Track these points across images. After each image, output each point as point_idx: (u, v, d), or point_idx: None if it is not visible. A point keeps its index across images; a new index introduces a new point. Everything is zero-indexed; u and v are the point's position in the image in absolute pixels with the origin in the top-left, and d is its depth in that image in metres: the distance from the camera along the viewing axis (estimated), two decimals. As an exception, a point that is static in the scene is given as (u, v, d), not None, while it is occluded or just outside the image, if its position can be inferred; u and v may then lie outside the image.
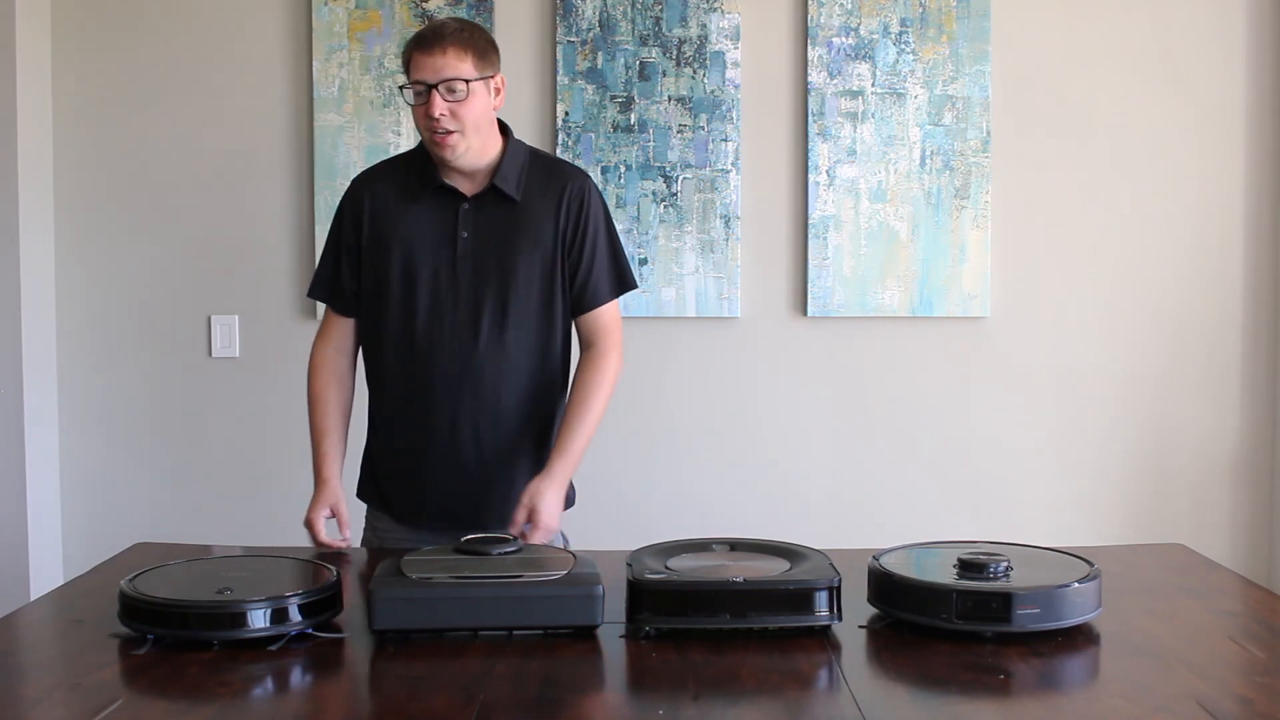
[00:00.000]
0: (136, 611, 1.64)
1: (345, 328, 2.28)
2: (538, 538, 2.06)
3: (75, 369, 3.34)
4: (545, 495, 2.10)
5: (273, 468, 3.31)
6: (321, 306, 3.22)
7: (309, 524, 2.17)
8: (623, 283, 2.27)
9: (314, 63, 3.25)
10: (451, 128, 2.09)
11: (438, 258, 2.17)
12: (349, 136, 3.25)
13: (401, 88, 2.13)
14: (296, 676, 1.56)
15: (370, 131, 3.25)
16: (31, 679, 1.57)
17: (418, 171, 2.21)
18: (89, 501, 3.35)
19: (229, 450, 3.33)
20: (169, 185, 3.31)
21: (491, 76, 2.14)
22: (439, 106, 2.07)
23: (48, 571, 3.24)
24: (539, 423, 2.25)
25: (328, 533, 2.18)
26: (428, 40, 2.09)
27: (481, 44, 2.12)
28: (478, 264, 2.17)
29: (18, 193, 3.15)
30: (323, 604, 1.68)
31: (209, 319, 3.33)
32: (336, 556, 2.09)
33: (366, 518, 2.36)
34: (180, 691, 1.48)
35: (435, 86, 2.07)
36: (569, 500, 2.31)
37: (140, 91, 3.30)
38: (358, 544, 2.33)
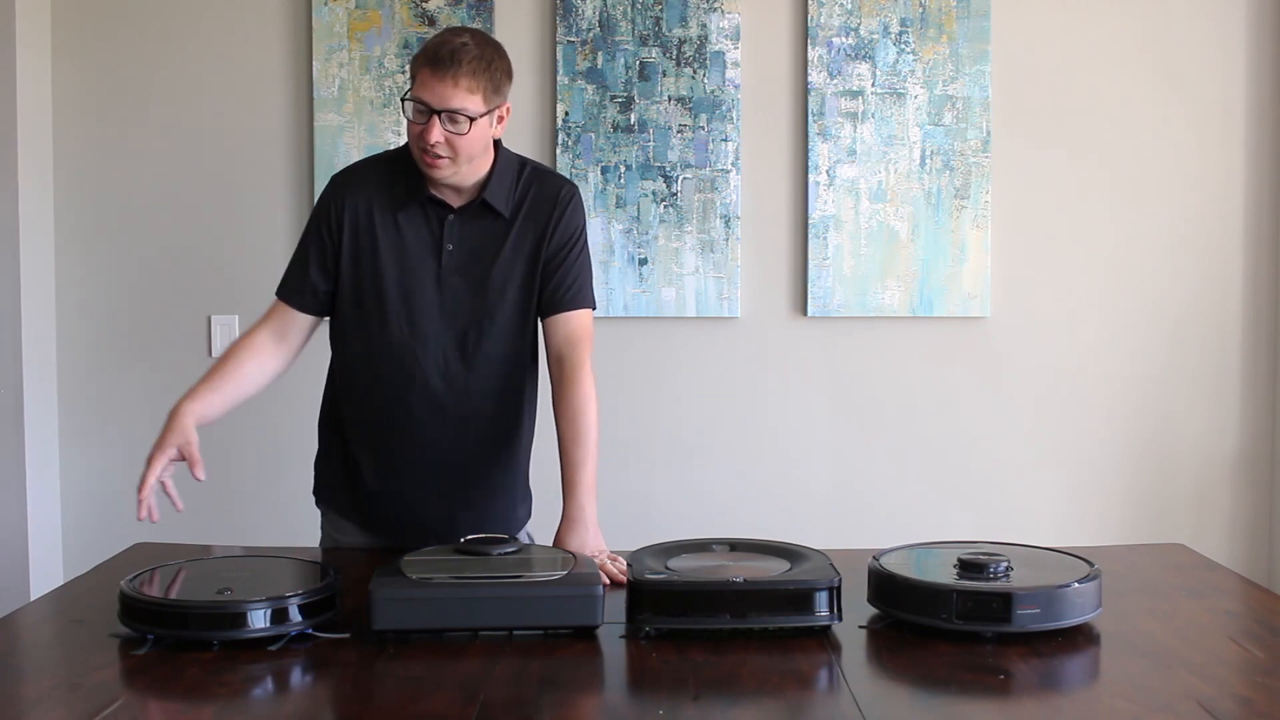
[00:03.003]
0: (136, 612, 1.64)
1: (292, 319, 2.16)
2: (614, 572, 1.92)
3: (75, 369, 3.34)
4: (580, 542, 2.01)
5: (273, 468, 3.31)
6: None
7: (149, 461, 1.97)
8: (593, 296, 2.22)
9: (314, 63, 3.25)
10: (444, 154, 2.00)
11: (421, 270, 2.11)
12: (349, 136, 3.25)
13: (403, 98, 2.02)
14: (296, 676, 1.56)
15: (370, 131, 3.25)
16: (31, 679, 1.57)
17: (403, 179, 2.11)
18: (89, 501, 3.34)
19: (229, 450, 3.33)
20: (169, 185, 3.31)
21: (499, 106, 2.05)
22: (436, 134, 1.97)
23: (48, 571, 3.25)
24: (509, 437, 2.23)
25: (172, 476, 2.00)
26: (442, 63, 1.96)
27: (497, 76, 2.02)
28: (462, 279, 2.12)
29: (18, 193, 3.15)
30: (323, 604, 1.68)
31: (209, 319, 3.33)
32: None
33: (324, 526, 2.32)
34: (180, 691, 1.48)
35: (438, 113, 1.97)
36: (528, 498, 2.32)
37: (140, 91, 3.30)
38: (315, 543, 2.32)
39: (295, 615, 1.64)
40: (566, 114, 3.24)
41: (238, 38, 3.29)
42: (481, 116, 2.00)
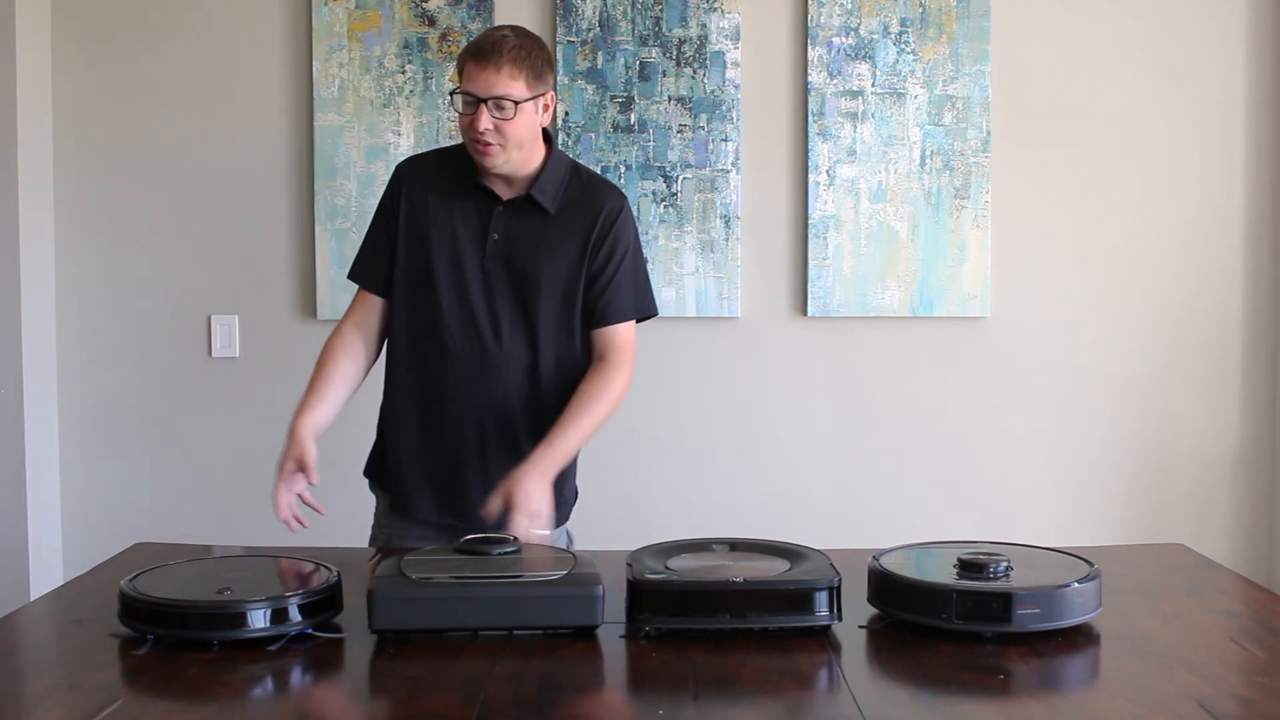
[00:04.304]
0: (136, 611, 1.63)
1: (371, 307, 2.28)
2: (521, 524, 2.01)
3: (75, 369, 3.34)
4: (522, 481, 2.05)
5: (273, 468, 3.30)
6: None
7: (277, 481, 2.16)
8: (641, 307, 2.28)
9: (314, 63, 3.25)
10: (494, 141, 2.11)
11: (466, 256, 2.20)
12: (349, 136, 3.25)
13: (451, 93, 2.15)
14: (296, 676, 1.56)
15: (370, 131, 3.25)
16: (31, 679, 1.57)
17: (460, 169, 2.23)
18: (89, 501, 3.35)
19: (229, 450, 3.33)
20: (169, 185, 3.31)
21: (542, 94, 2.15)
22: (485, 121, 2.09)
23: (48, 571, 3.25)
24: (540, 431, 2.23)
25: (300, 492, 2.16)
26: (485, 54, 2.09)
27: (538, 64, 2.13)
28: (504, 266, 2.20)
29: (18, 193, 3.15)
30: (323, 604, 1.68)
31: (209, 319, 3.33)
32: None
33: (375, 512, 2.37)
34: (180, 691, 1.48)
35: (484, 101, 2.08)
36: (573, 497, 2.32)
37: (140, 91, 3.30)
38: (366, 543, 2.35)
39: (295, 615, 1.64)
40: (566, 114, 3.24)
41: (238, 38, 3.29)
42: (526, 102, 2.11)
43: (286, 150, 3.30)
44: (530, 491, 2.05)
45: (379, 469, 2.35)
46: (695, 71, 3.25)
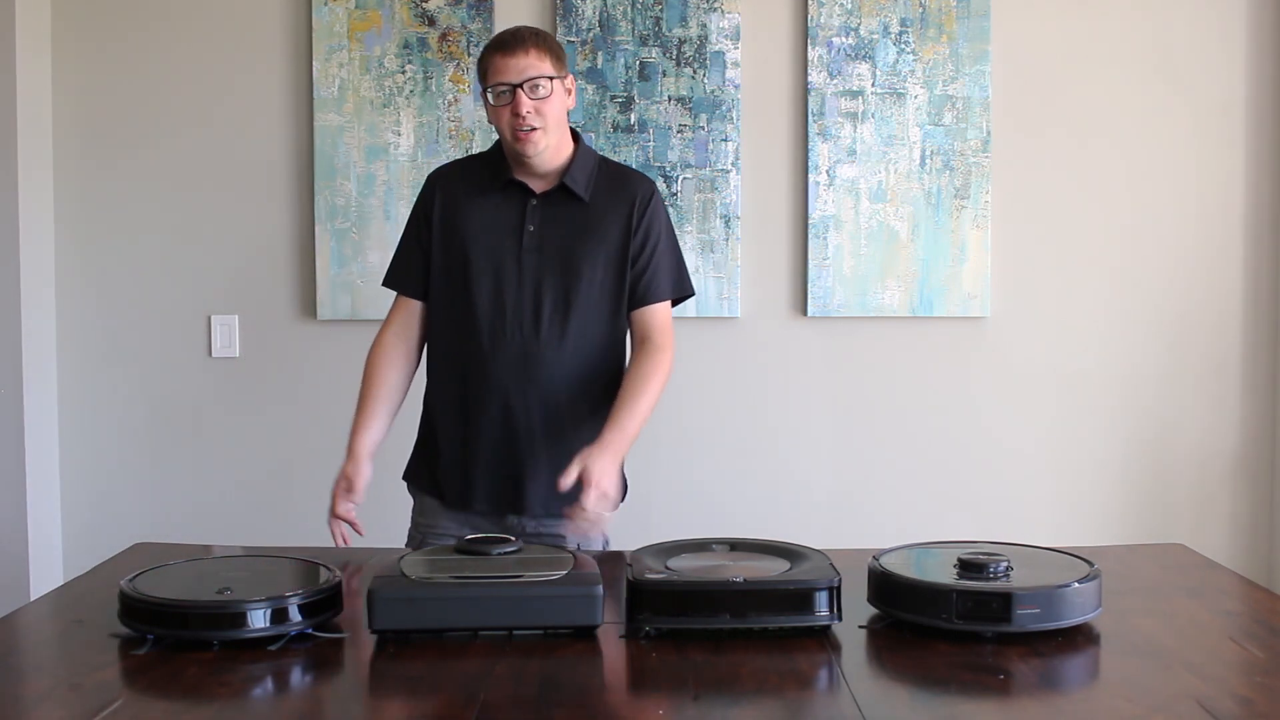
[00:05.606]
0: (136, 611, 1.63)
1: (409, 313, 2.34)
2: (592, 502, 2.05)
3: (75, 369, 3.34)
4: (598, 458, 2.09)
5: (273, 468, 3.31)
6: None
7: (333, 495, 2.27)
8: (680, 287, 2.34)
9: (314, 63, 3.25)
10: (536, 124, 2.18)
11: (503, 249, 2.25)
12: (349, 136, 3.25)
13: (485, 90, 2.21)
14: (296, 676, 1.56)
15: (370, 131, 3.25)
16: (31, 679, 1.57)
17: (491, 168, 2.30)
18: (89, 501, 3.35)
19: (229, 450, 3.33)
20: (169, 185, 3.31)
21: (565, 76, 2.25)
22: (525, 104, 2.17)
23: (48, 571, 3.25)
24: (594, 417, 2.26)
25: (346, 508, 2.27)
26: (508, 44, 2.19)
27: (556, 46, 2.24)
28: (542, 257, 2.24)
29: (18, 193, 3.15)
30: (323, 604, 1.68)
31: (209, 319, 3.33)
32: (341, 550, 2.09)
33: (412, 513, 2.39)
34: (180, 691, 1.48)
35: (520, 86, 2.16)
36: (623, 489, 2.32)
37: (140, 91, 3.30)
38: (403, 543, 2.37)
39: (295, 615, 1.64)
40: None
41: (238, 38, 3.29)
42: (556, 80, 2.21)
43: (286, 150, 3.30)
44: (604, 470, 2.09)
45: (421, 471, 2.36)
46: (695, 71, 3.25)
